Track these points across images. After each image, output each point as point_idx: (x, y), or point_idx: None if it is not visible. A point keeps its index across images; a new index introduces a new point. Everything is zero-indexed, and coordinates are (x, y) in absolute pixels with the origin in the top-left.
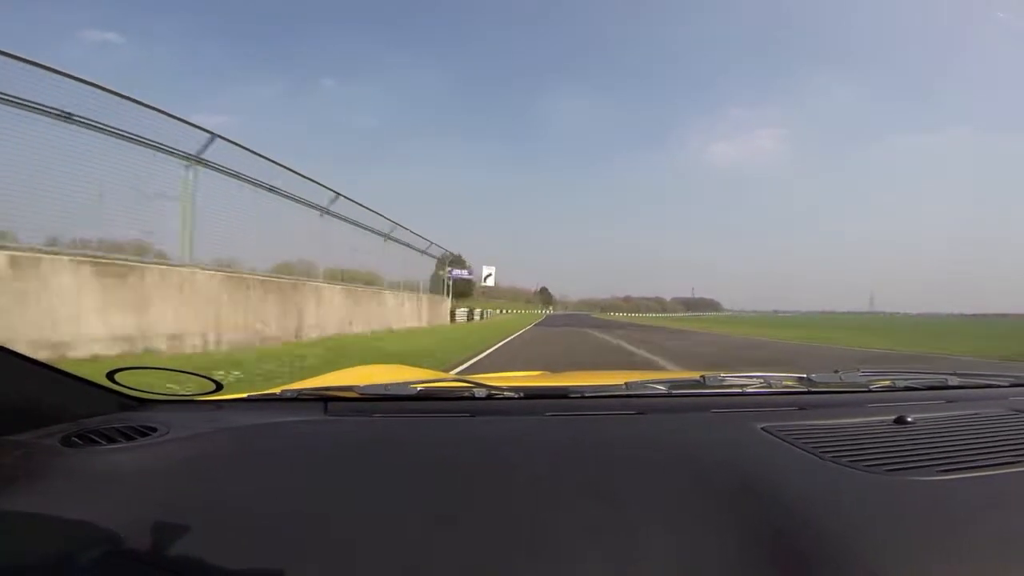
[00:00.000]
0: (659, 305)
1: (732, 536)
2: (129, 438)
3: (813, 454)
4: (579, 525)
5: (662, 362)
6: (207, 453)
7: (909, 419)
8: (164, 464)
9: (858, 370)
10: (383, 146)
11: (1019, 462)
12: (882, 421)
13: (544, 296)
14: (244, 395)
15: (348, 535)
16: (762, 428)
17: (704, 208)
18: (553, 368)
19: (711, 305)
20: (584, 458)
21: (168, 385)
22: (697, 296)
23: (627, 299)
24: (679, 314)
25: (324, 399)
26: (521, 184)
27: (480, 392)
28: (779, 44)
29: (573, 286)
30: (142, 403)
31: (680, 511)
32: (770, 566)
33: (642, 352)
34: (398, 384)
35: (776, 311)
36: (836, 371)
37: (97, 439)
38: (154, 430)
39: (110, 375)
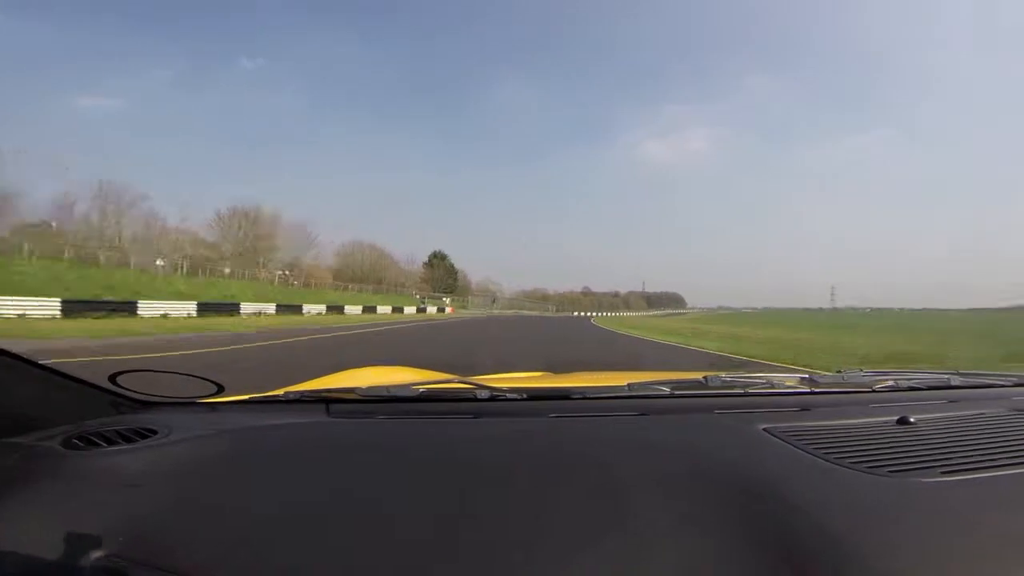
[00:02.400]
0: (622, 302)
1: (734, 537)
2: (130, 440)
3: (815, 455)
4: (582, 526)
5: None
6: (208, 455)
7: (912, 420)
8: (165, 466)
9: (861, 370)
10: (300, 123)
11: (1022, 463)
12: (885, 422)
13: (438, 274)
14: (246, 397)
15: (350, 537)
16: (764, 429)
17: (665, 202)
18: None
19: (675, 300)
20: (587, 459)
21: (169, 387)
22: (659, 291)
23: (585, 292)
24: (659, 312)
25: (326, 401)
26: (458, 168)
27: (483, 393)
28: (747, 39)
29: (518, 277)
30: (143, 405)
31: (683, 512)
32: (772, 567)
33: None
34: (400, 386)
35: (722, 307)
36: (839, 371)
37: (98, 441)
38: (155, 432)
39: (111, 377)
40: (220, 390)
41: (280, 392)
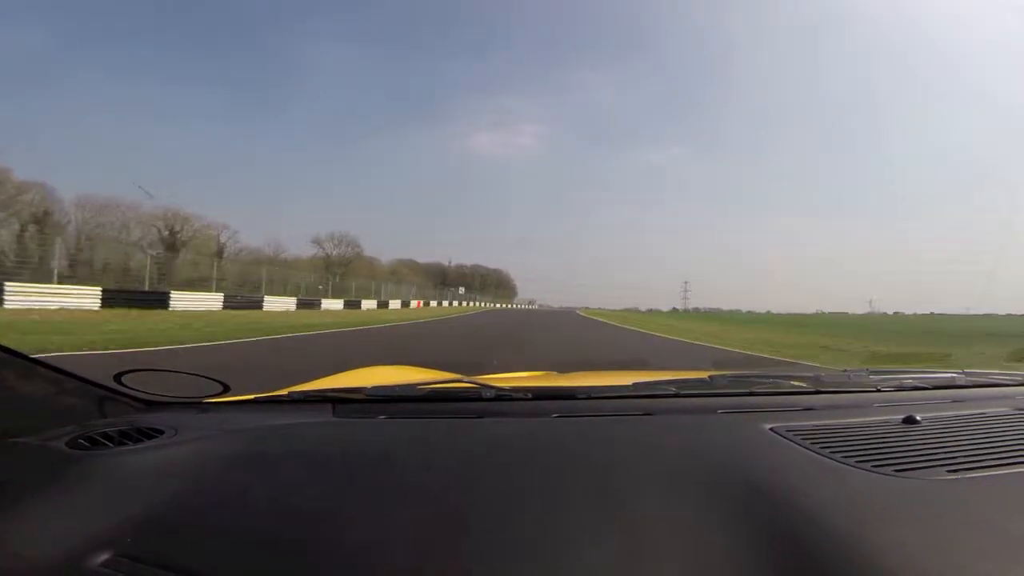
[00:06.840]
0: (417, 271)
1: (740, 537)
2: (136, 440)
3: (821, 455)
4: (587, 526)
5: None
6: (214, 455)
7: (918, 419)
8: (171, 466)
9: (866, 370)
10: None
11: None
12: (890, 421)
13: None
14: (251, 396)
15: (356, 537)
16: (770, 428)
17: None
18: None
19: (503, 282)
20: (592, 459)
21: (175, 387)
22: (490, 267)
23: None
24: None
25: (332, 400)
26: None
27: (488, 393)
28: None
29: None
30: (149, 405)
31: (688, 512)
32: (778, 567)
33: None
34: (406, 385)
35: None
36: (844, 370)
37: (104, 441)
38: (161, 432)
39: (117, 377)
40: (226, 390)
41: (285, 392)
